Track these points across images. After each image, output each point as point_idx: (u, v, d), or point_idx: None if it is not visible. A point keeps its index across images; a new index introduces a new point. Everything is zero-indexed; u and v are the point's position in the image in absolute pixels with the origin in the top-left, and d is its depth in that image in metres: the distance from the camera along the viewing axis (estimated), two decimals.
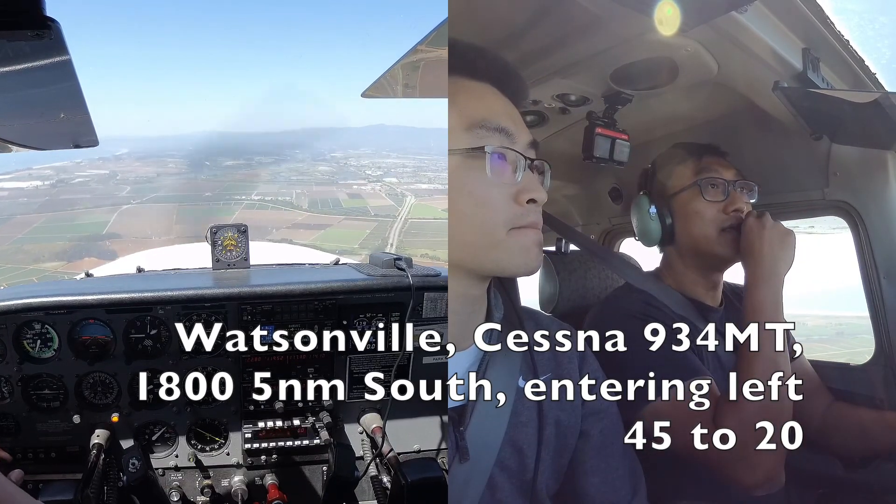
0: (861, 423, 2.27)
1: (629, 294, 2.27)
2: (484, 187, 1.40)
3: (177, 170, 53.52)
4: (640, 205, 2.33)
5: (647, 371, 1.87)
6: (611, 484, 1.68)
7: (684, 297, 2.25)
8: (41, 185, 46.68)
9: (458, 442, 1.48)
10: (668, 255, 2.35)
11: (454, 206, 1.40)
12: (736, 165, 2.28)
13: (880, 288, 2.37)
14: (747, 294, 2.05)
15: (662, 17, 1.75)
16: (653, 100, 2.37)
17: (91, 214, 45.50)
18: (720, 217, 2.19)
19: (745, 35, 1.93)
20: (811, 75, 2.11)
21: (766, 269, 2.03)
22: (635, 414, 1.85)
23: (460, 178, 1.40)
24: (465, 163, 1.40)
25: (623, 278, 2.41)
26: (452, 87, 1.44)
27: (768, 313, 1.98)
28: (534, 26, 1.91)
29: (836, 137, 2.34)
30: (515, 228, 1.42)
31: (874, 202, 2.37)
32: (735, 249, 2.14)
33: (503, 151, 1.41)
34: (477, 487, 1.50)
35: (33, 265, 36.98)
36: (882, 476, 2.23)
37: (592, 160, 2.32)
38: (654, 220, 2.29)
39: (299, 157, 56.94)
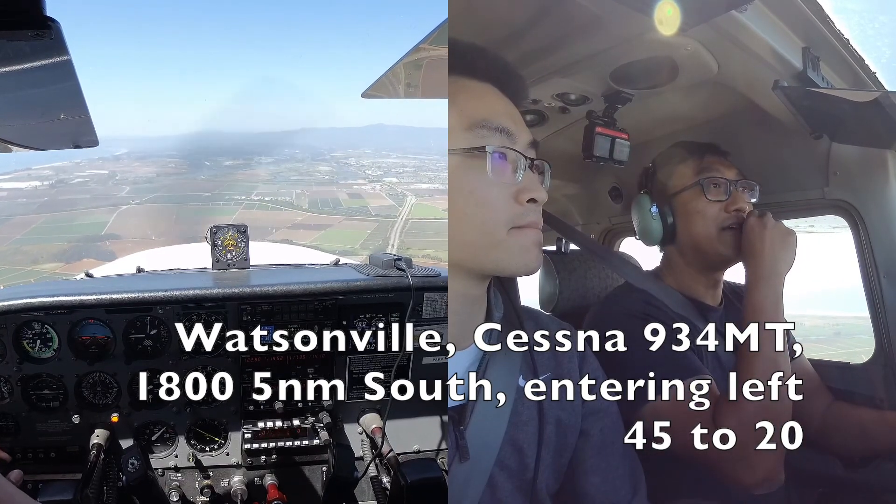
0: (861, 423, 2.27)
1: (629, 293, 2.27)
2: (485, 187, 1.40)
3: (176, 170, 53.41)
4: (641, 204, 2.33)
5: (647, 370, 1.86)
6: (611, 483, 1.68)
7: (684, 296, 2.25)
8: (40, 186, 46.53)
9: (458, 441, 1.48)
10: (669, 254, 2.35)
11: (454, 206, 1.40)
12: (737, 165, 2.28)
13: (880, 287, 2.37)
14: (748, 294, 2.04)
15: (662, 17, 1.75)
16: (653, 99, 2.37)
17: (90, 215, 45.33)
18: (721, 216, 2.19)
19: (744, 34, 1.93)
20: (811, 74, 2.11)
21: (766, 268, 2.03)
22: (635, 413, 1.85)
23: (461, 177, 1.40)
24: (466, 162, 1.40)
25: (623, 277, 2.41)
26: (453, 86, 1.44)
27: (768, 313, 1.97)
28: (534, 26, 1.91)
29: (836, 136, 2.33)
30: (516, 228, 1.42)
31: (874, 201, 2.37)
32: (736, 249, 2.14)
33: (504, 151, 1.42)
34: (477, 487, 1.50)
35: (31, 266, 36.82)
36: (882, 476, 2.23)
37: (592, 159, 2.32)
38: (655, 220, 2.29)
39: (299, 157, 56.92)
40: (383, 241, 41.79)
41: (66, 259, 38.11)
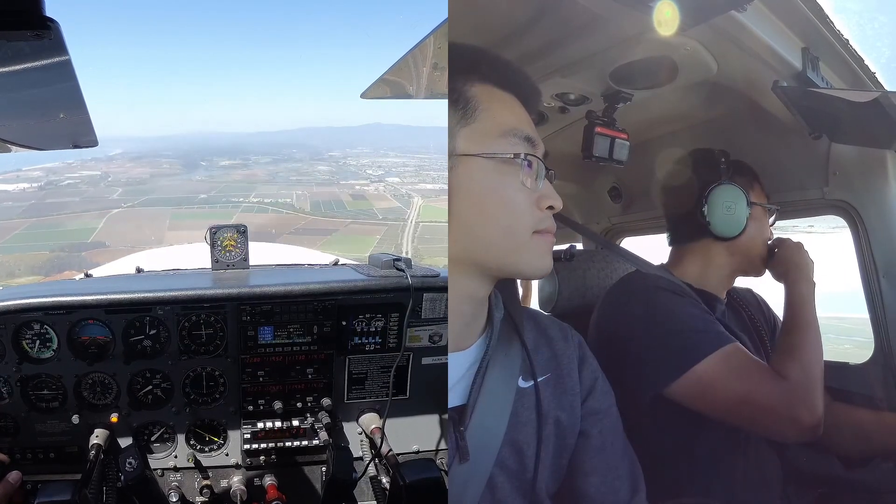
0: (860, 424, 2.27)
1: (645, 275, 2.32)
2: (513, 192, 1.44)
3: (171, 170, 52.89)
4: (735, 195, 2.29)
5: (689, 334, 2.02)
6: (610, 484, 1.68)
7: (692, 288, 2.26)
8: (28, 188, 45.52)
9: (458, 442, 1.48)
10: (703, 248, 2.35)
11: (481, 209, 1.43)
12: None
13: (879, 287, 2.37)
14: (800, 299, 2.23)
15: (662, 17, 1.75)
16: (652, 99, 2.37)
17: (78, 220, 44.14)
18: (767, 236, 2.39)
19: (744, 34, 1.93)
20: (810, 74, 2.11)
21: (810, 277, 2.26)
22: (667, 385, 2.00)
23: (491, 182, 1.44)
24: (498, 167, 1.44)
25: (635, 266, 2.42)
26: (485, 94, 1.48)
27: (812, 308, 2.21)
28: (534, 26, 1.91)
29: (835, 137, 2.34)
30: (537, 233, 1.46)
31: (873, 201, 2.38)
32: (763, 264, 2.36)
33: (531, 160, 1.46)
34: (477, 487, 1.50)
35: (6, 280, 35.64)
36: (882, 476, 2.23)
37: (592, 159, 2.32)
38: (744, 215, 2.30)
39: (297, 157, 56.72)
40: (395, 247, 41.15)
41: (46, 272, 36.85)
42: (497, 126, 1.46)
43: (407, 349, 2.88)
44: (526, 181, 1.45)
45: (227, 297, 2.68)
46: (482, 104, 1.46)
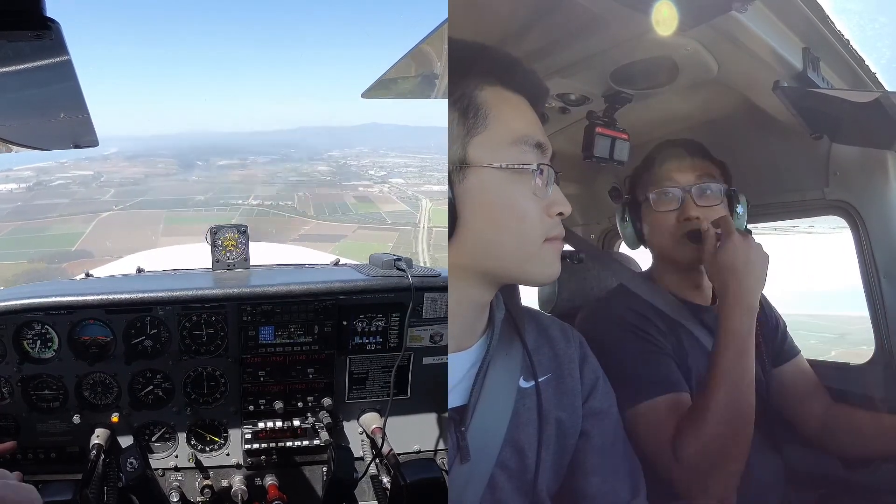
0: (860, 425, 2.26)
1: (619, 300, 2.28)
2: (525, 202, 1.42)
3: (166, 170, 51.95)
4: (618, 211, 2.42)
5: (627, 380, 1.88)
6: (611, 484, 1.68)
7: (676, 298, 2.25)
8: (16, 189, 43.79)
9: (458, 442, 1.48)
10: (652, 256, 2.39)
11: (492, 219, 1.41)
12: (701, 165, 2.22)
13: (880, 287, 2.37)
14: (722, 316, 1.92)
15: (662, 17, 1.74)
16: (653, 99, 2.36)
17: (65, 224, 42.12)
18: (674, 226, 2.18)
19: (744, 35, 1.93)
20: (811, 75, 2.11)
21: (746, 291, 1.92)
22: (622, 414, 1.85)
23: (504, 191, 1.41)
24: (509, 177, 1.42)
25: (618, 279, 2.42)
26: (494, 97, 1.45)
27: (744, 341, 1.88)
28: (534, 26, 1.91)
29: (835, 137, 2.34)
30: (547, 240, 1.45)
31: (874, 202, 2.38)
32: (695, 257, 2.11)
33: (543, 167, 1.45)
34: (477, 487, 1.50)
35: None
36: (882, 476, 2.23)
37: (592, 159, 2.32)
38: (628, 227, 2.37)
39: (296, 157, 56.40)
40: (412, 255, 40.63)
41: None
42: (509, 133, 1.44)
43: (408, 349, 2.88)
44: (537, 189, 1.43)
45: (227, 296, 2.68)
46: (492, 110, 1.44)
